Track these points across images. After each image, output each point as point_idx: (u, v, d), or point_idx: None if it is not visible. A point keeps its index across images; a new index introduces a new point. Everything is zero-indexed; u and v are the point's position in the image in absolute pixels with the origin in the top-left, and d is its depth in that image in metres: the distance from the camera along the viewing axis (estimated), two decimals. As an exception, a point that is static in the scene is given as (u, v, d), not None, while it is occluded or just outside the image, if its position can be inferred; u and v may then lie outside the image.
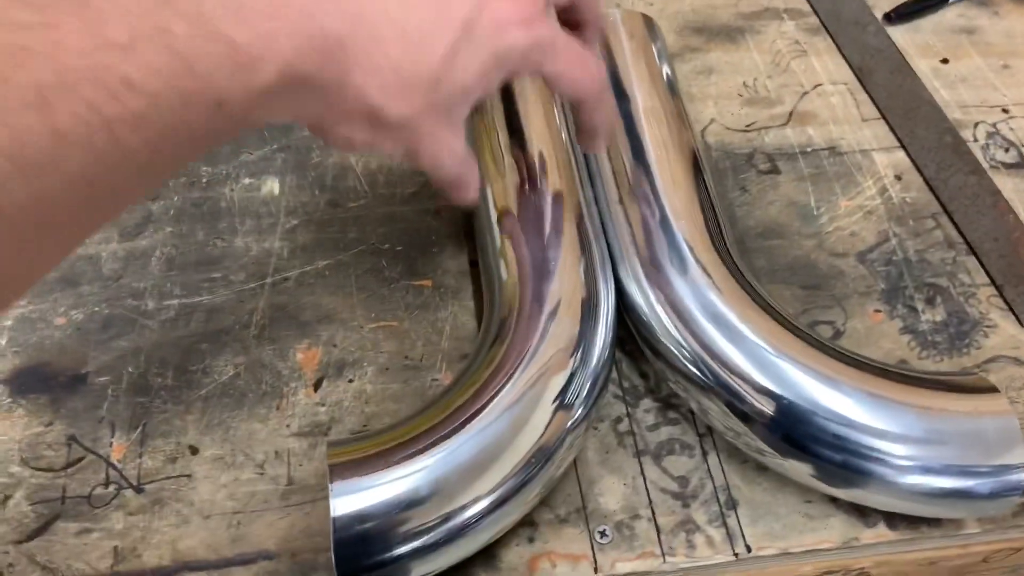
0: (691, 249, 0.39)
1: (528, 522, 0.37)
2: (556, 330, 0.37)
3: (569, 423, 0.35)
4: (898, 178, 0.50)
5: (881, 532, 0.37)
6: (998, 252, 0.47)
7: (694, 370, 0.37)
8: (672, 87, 0.47)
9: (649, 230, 0.40)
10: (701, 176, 0.43)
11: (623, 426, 0.40)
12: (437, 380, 0.41)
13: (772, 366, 0.36)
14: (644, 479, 0.38)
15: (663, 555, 0.36)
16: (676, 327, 0.38)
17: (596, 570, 0.36)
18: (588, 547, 0.36)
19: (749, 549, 0.36)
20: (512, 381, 0.35)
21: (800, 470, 0.36)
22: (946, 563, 0.40)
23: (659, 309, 0.39)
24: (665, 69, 0.48)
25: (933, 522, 0.37)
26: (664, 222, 0.40)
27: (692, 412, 0.40)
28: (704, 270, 0.39)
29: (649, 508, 0.37)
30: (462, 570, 0.35)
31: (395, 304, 0.43)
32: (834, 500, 0.38)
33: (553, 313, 0.37)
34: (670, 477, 0.38)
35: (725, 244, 0.41)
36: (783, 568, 0.38)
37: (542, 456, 0.34)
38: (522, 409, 0.34)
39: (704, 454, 0.39)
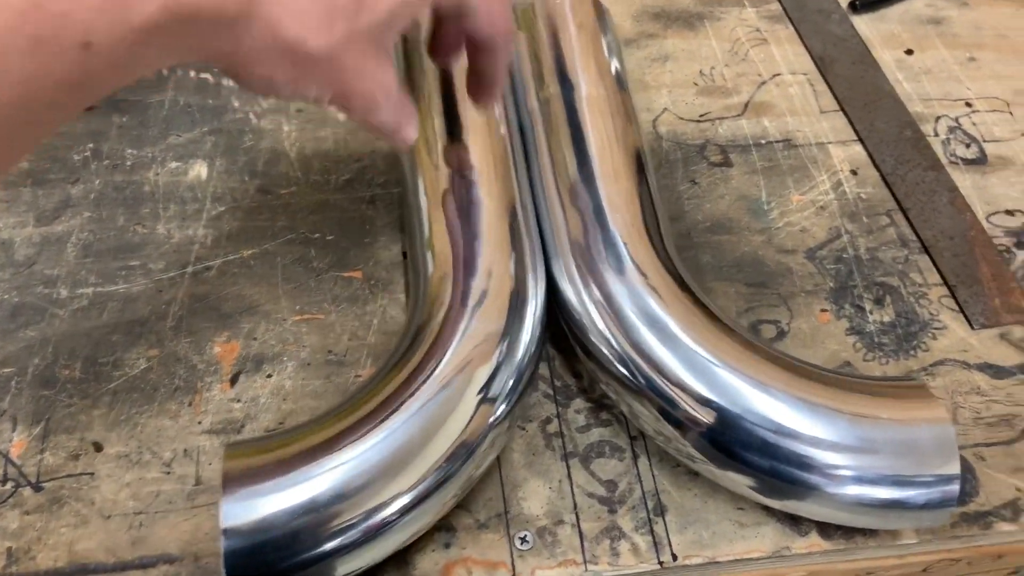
0: (626, 245, 0.38)
1: (445, 527, 0.35)
2: (481, 323, 0.35)
3: (492, 418, 0.34)
4: (854, 172, 0.49)
5: (814, 541, 0.36)
6: (952, 251, 0.45)
7: (624, 371, 0.36)
8: (620, 80, 0.45)
9: (584, 224, 0.39)
10: (643, 172, 0.41)
11: (552, 427, 0.38)
12: (360, 376, 0.39)
13: (705, 370, 0.34)
14: (571, 483, 0.37)
15: (585, 563, 0.35)
16: (607, 326, 0.36)
17: (514, 578, 0.34)
18: (507, 554, 0.35)
19: (675, 558, 0.35)
20: (433, 375, 0.33)
21: (729, 478, 0.34)
22: (883, 574, 0.39)
23: (591, 307, 0.37)
24: (614, 63, 0.46)
25: (868, 532, 0.36)
26: (599, 216, 0.39)
27: (624, 414, 0.39)
28: (638, 268, 0.37)
29: (574, 514, 0.36)
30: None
31: (322, 296, 0.41)
32: (767, 508, 0.36)
33: (478, 305, 0.35)
34: (598, 481, 0.37)
35: (663, 242, 0.39)
36: (712, 578, 0.37)
37: (463, 452, 0.33)
38: (442, 403, 0.33)
39: (635, 457, 0.38)
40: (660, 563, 0.35)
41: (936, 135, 0.51)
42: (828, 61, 0.54)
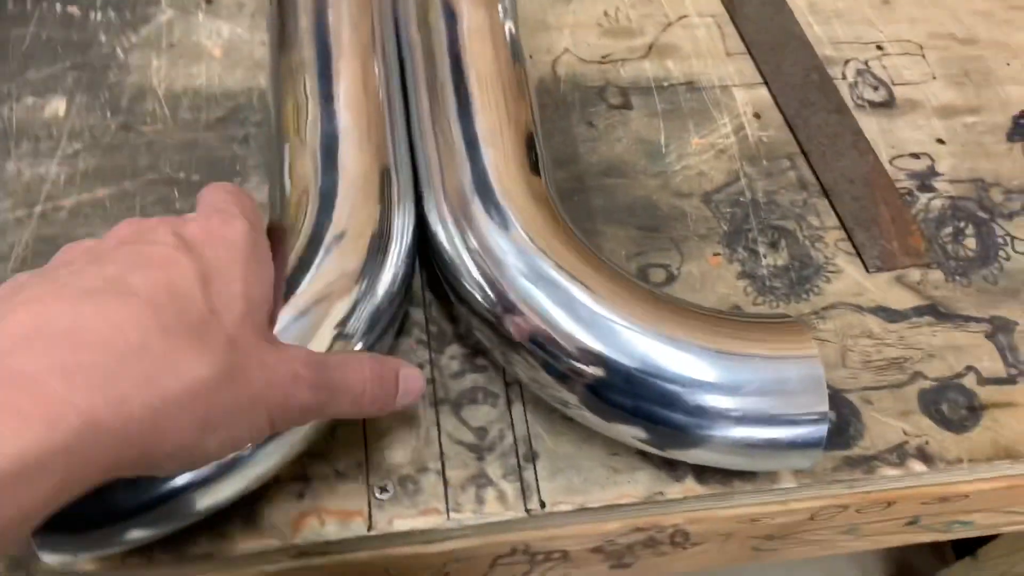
0: (501, 185, 0.36)
1: (301, 477, 0.33)
2: (339, 258, 0.33)
3: None
4: (757, 116, 0.47)
5: (689, 486, 0.34)
6: (852, 194, 0.44)
7: (495, 319, 0.33)
8: (508, 11, 0.43)
9: (458, 161, 0.36)
10: (528, 107, 0.39)
11: (424, 373, 0.36)
12: (219, 321, 0.37)
13: (576, 307, 0.32)
14: (439, 430, 0.35)
15: (448, 512, 0.33)
16: (480, 272, 0.34)
17: (370, 528, 0.32)
18: (365, 504, 0.33)
19: (544, 505, 0.33)
20: (286, 307, 0.31)
21: (591, 419, 0.33)
22: (769, 521, 0.37)
23: (462, 250, 0.35)
24: None
25: (746, 476, 0.35)
26: (474, 152, 0.37)
27: (502, 359, 0.37)
28: (514, 209, 0.35)
29: (440, 462, 0.34)
30: (219, 529, 0.31)
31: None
32: (643, 454, 0.35)
33: (338, 240, 0.33)
34: (468, 428, 0.35)
35: (544, 183, 0.37)
36: (586, 527, 0.35)
37: None
38: (297, 333, 0.30)
39: (509, 404, 0.36)
40: (527, 511, 0.33)
41: (844, 78, 0.49)
42: (737, 3, 0.52)
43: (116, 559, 0.31)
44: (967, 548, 0.89)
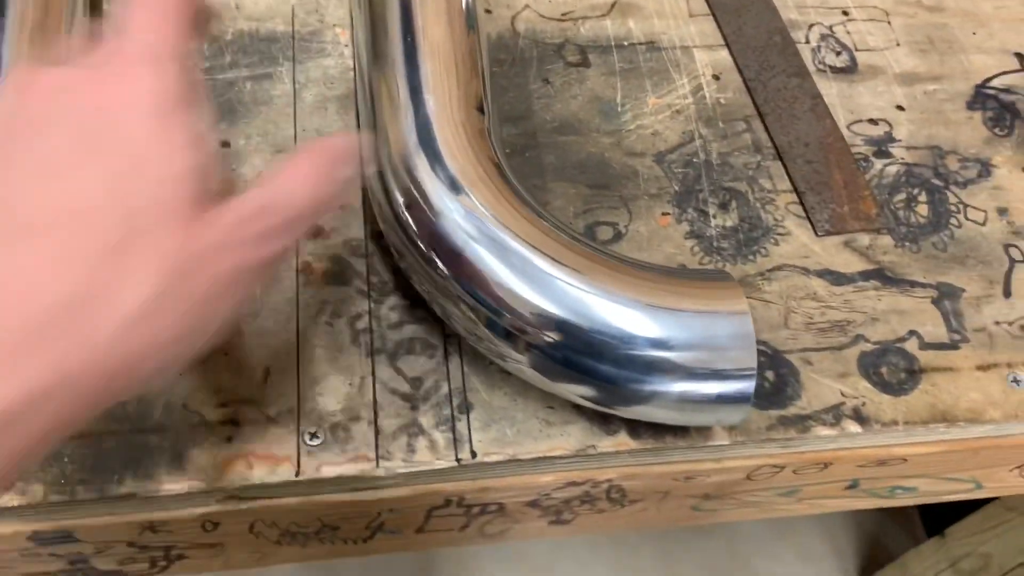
0: (442, 132, 0.35)
1: (231, 421, 0.33)
2: None
3: None
4: (716, 77, 0.47)
5: (622, 440, 0.34)
6: (806, 158, 0.44)
7: (434, 273, 0.33)
8: None
9: (398, 105, 0.36)
10: (477, 56, 0.39)
11: (362, 323, 0.36)
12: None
13: (513, 259, 0.32)
14: (373, 379, 0.35)
15: (378, 459, 0.33)
16: (420, 227, 0.34)
17: (298, 473, 0.32)
18: (294, 449, 0.33)
19: (475, 455, 0.33)
20: None
21: (528, 372, 0.33)
22: (705, 479, 0.38)
23: (400, 203, 0.34)
24: None
25: (680, 432, 0.35)
26: (416, 97, 0.36)
27: (442, 311, 0.37)
28: (457, 163, 0.34)
29: (372, 410, 0.34)
30: (143, 469, 0.31)
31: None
32: (579, 408, 0.35)
33: None
34: (403, 378, 0.35)
35: (488, 135, 0.37)
36: (519, 479, 0.35)
37: None
38: None
39: (446, 356, 0.36)
40: (458, 460, 0.33)
41: (807, 42, 0.49)
42: (704, -36, 0.52)
43: (39, 496, 0.31)
44: (937, 528, 0.90)
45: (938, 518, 0.93)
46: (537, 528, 0.40)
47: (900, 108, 0.47)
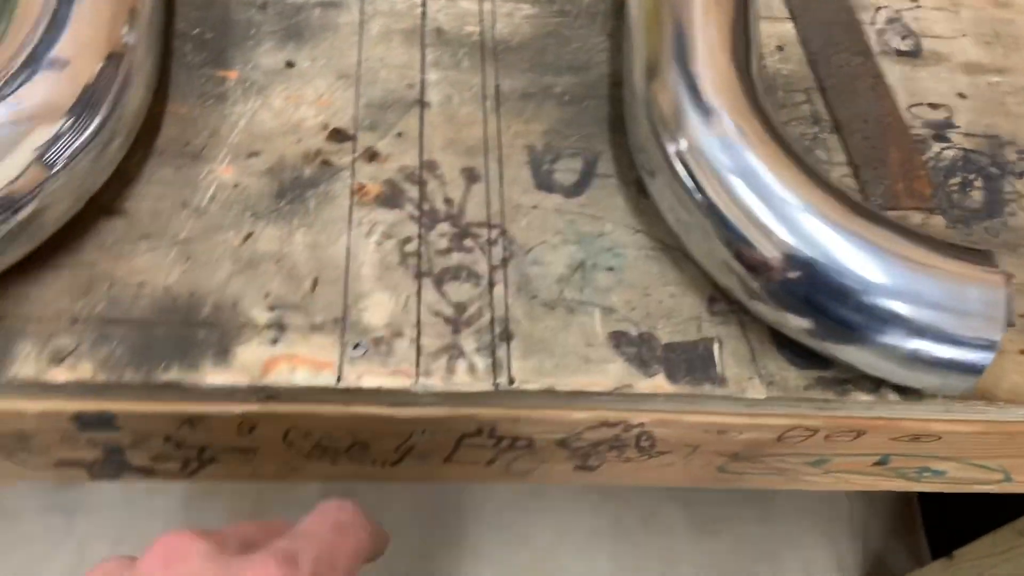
0: (704, 64, 0.36)
1: (277, 325, 0.34)
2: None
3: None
4: (779, 48, 0.47)
5: (659, 384, 0.34)
6: (864, 134, 0.44)
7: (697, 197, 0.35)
8: None
9: (661, 29, 0.38)
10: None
11: (410, 247, 0.36)
12: (215, 172, 0.37)
13: (783, 210, 0.33)
14: (418, 300, 0.35)
15: (417, 376, 0.33)
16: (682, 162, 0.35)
17: (339, 380, 0.33)
18: (337, 357, 0.33)
19: (512, 381, 0.34)
20: None
21: (761, 307, 0.34)
22: (736, 435, 0.38)
23: (658, 127, 0.36)
24: None
25: (718, 382, 0.35)
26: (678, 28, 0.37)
27: (490, 243, 0.37)
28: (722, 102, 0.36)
29: (416, 328, 0.34)
30: (190, 360, 0.32)
31: (190, 90, 0.39)
32: (617, 347, 0.35)
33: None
34: (447, 302, 0.35)
35: (750, 71, 0.37)
36: (553, 413, 0.35)
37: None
38: None
39: (491, 286, 0.36)
40: (496, 385, 0.34)
41: (873, 24, 0.49)
42: (775, -61, 0.51)
43: (88, 374, 0.31)
44: (943, 550, 0.89)
45: (944, 541, 0.92)
46: (562, 472, 0.41)
47: (962, 96, 0.46)
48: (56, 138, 0.32)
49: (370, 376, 0.33)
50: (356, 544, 0.28)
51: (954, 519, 0.98)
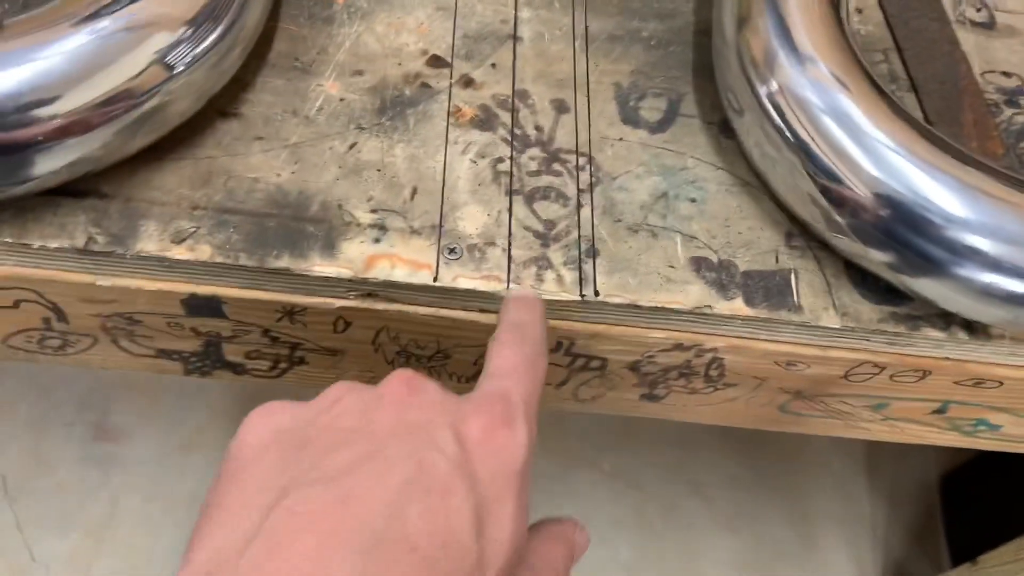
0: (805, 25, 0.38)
1: (380, 226, 0.35)
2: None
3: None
4: (859, 11, 0.48)
5: (737, 307, 0.36)
6: (940, 94, 0.45)
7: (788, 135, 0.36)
8: None
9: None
10: None
11: (503, 166, 0.38)
12: (323, 86, 0.39)
13: (872, 148, 0.35)
14: (510, 215, 0.37)
15: (508, 282, 0.35)
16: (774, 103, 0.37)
17: (436, 279, 0.34)
18: (434, 259, 0.35)
19: (597, 294, 0.35)
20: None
21: (844, 241, 0.36)
22: (804, 369, 0.39)
23: (754, 70, 0.38)
24: None
25: (794, 310, 0.36)
26: None
27: (578, 169, 0.39)
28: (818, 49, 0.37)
29: (507, 240, 0.36)
30: (299, 251, 0.34)
31: (299, 11, 0.41)
32: (697, 271, 0.37)
33: None
34: (537, 218, 0.37)
35: (840, 19, 0.39)
36: (632, 331, 0.37)
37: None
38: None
39: (579, 207, 0.38)
40: (582, 296, 0.35)
41: (950, -6, 0.50)
42: (857, -90, 0.53)
43: (206, 255, 0.33)
44: (966, 555, 0.89)
45: (964, 548, 0.93)
46: (629, 401, 0.42)
47: (1035, 67, 0.48)
48: (177, 43, 0.34)
49: (464, 278, 0.35)
50: (543, 373, 0.29)
51: (974, 526, 0.98)
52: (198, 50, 0.35)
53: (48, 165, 0.32)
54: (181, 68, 0.34)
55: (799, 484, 1.03)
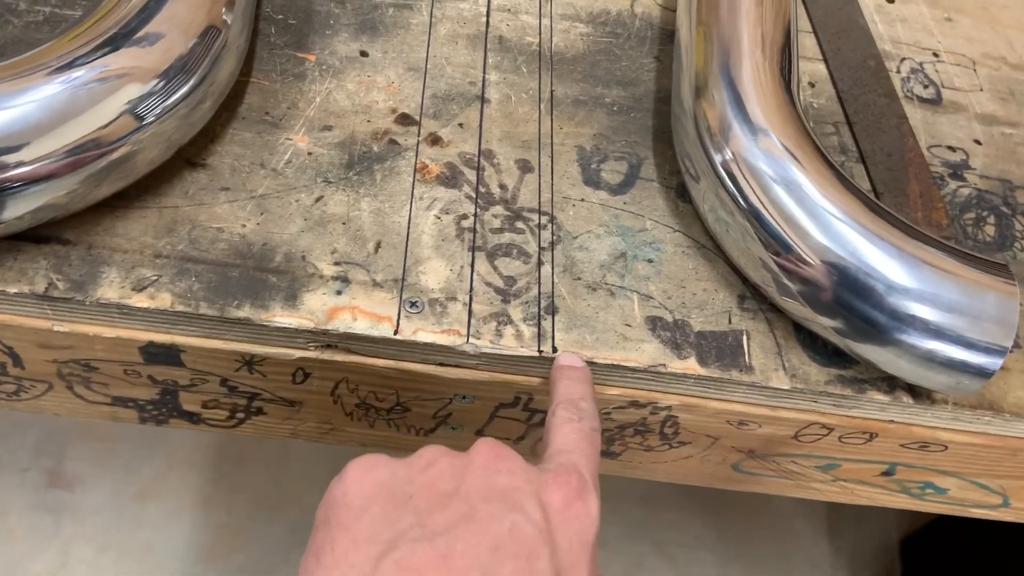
0: (752, 87, 0.40)
1: (342, 278, 0.36)
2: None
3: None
4: (812, 85, 0.50)
5: (690, 366, 0.37)
6: (887, 165, 0.47)
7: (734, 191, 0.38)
8: None
9: (710, 52, 0.41)
10: (788, 23, 0.43)
11: (467, 223, 0.39)
12: (291, 140, 0.40)
13: (820, 217, 0.36)
14: (472, 270, 0.38)
15: (468, 336, 0.36)
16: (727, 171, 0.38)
17: (396, 332, 0.35)
18: (395, 312, 0.36)
19: (555, 350, 0.36)
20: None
21: (791, 304, 0.37)
22: (756, 428, 0.40)
23: (707, 139, 0.39)
24: None
25: (745, 370, 0.37)
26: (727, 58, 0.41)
27: (540, 227, 0.40)
28: (767, 117, 0.39)
29: (468, 295, 0.37)
30: (261, 301, 0.34)
31: (272, 67, 0.42)
32: (653, 330, 0.37)
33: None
34: (498, 275, 0.38)
35: (792, 93, 0.41)
36: (589, 386, 0.37)
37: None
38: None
39: (539, 264, 0.39)
40: (540, 351, 0.36)
41: (898, 72, 0.52)
42: (811, -10, 0.56)
43: (167, 304, 0.33)
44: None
45: None
46: (585, 456, 0.42)
47: (977, 142, 0.50)
48: (148, 95, 0.35)
49: (424, 332, 0.35)
50: (599, 446, 0.32)
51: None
52: (169, 102, 0.36)
53: (12, 211, 0.32)
54: (151, 119, 0.35)
55: (761, 544, 1.03)
